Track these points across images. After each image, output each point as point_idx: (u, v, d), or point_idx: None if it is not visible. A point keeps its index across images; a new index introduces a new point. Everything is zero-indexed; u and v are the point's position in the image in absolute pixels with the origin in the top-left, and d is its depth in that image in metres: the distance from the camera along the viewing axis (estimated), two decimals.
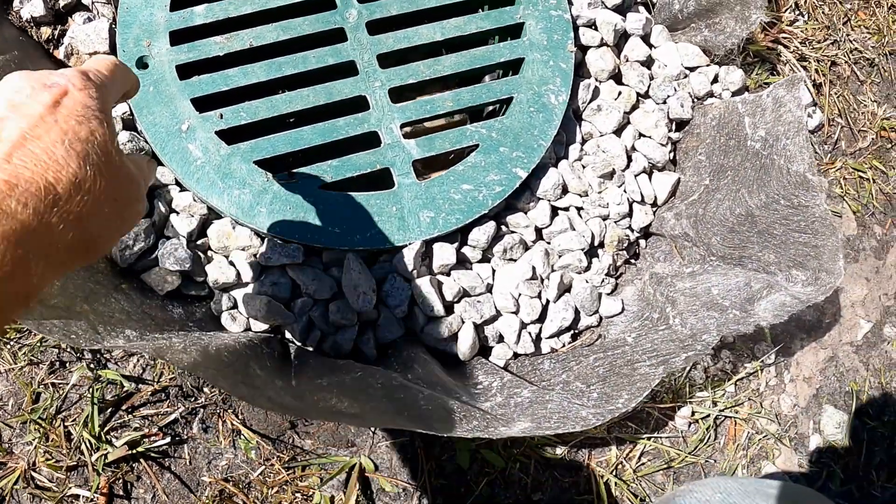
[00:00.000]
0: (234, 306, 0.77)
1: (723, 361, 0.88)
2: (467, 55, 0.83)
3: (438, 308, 0.76)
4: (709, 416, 0.84)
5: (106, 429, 0.77)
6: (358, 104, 0.80)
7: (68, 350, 0.78)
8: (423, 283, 0.76)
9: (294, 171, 0.77)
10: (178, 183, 0.78)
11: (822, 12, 1.00)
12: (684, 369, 0.84)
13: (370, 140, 0.79)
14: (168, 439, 0.77)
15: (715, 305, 0.78)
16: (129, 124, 0.80)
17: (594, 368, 0.76)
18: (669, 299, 0.81)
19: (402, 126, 0.80)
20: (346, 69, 0.80)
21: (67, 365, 0.78)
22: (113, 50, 0.81)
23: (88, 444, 0.76)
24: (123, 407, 0.77)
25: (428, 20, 0.84)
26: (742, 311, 0.76)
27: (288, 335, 0.78)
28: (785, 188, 0.78)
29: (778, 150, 0.79)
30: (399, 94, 0.82)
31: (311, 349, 0.78)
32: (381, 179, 0.79)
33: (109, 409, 0.77)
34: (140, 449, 0.76)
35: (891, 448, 0.95)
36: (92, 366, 0.78)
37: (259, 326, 0.76)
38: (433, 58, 0.82)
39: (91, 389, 0.77)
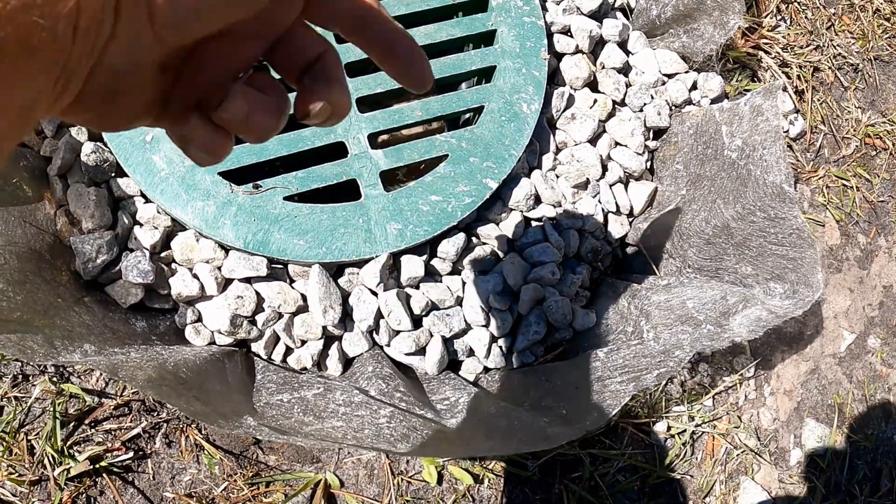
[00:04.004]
0: (199, 319, 0.76)
1: (700, 375, 0.86)
2: (437, 63, 0.81)
3: (406, 322, 0.75)
4: (685, 430, 0.83)
5: (69, 443, 0.76)
6: None
7: (31, 363, 0.77)
8: (390, 297, 0.74)
9: (259, 182, 0.75)
10: (143, 194, 0.77)
11: (805, 17, 0.98)
12: (658, 385, 0.82)
13: (337, 150, 0.78)
14: (131, 454, 0.75)
15: (689, 319, 0.76)
16: (94, 134, 0.78)
17: (564, 385, 0.74)
18: (644, 312, 0.79)
19: (370, 136, 0.78)
20: None
21: (30, 378, 0.77)
22: None
23: (51, 459, 0.75)
24: (86, 421, 0.76)
25: None
26: (717, 325, 0.74)
27: (254, 348, 0.77)
28: (761, 199, 0.77)
29: (754, 161, 0.78)
30: (368, 104, 0.80)
31: (276, 363, 0.77)
32: (347, 191, 0.77)
33: (72, 424, 0.76)
34: (103, 464, 0.75)
35: (874, 462, 0.93)
36: (55, 379, 0.77)
37: (223, 340, 0.75)
38: None
39: (54, 403, 0.76)
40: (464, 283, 0.79)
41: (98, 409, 0.76)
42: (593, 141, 0.85)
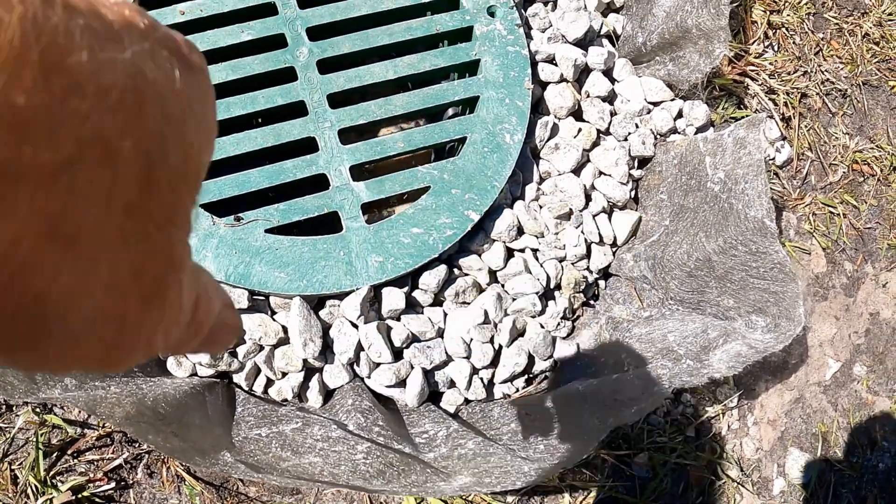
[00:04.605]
0: None
1: (683, 406, 0.86)
2: (420, 94, 0.81)
3: (386, 354, 0.75)
4: (667, 462, 0.83)
5: (52, 473, 0.76)
6: (307, 145, 0.79)
7: None
8: (371, 330, 0.75)
9: (240, 214, 0.76)
10: None
11: (793, 42, 0.98)
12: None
13: (319, 182, 0.78)
14: (113, 484, 0.76)
15: (670, 353, 0.76)
16: None
17: (543, 418, 0.74)
18: (625, 345, 0.79)
19: (352, 168, 0.78)
20: (296, 109, 0.79)
21: (14, 409, 0.77)
22: None
23: (34, 489, 0.75)
24: (69, 451, 0.77)
25: (382, 58, 0.82)
26: (696, 360, 0.74)
27: (235, 379, 0.77)
28: (743, 234, 0.76)
29: (736, 194, 0.77)
30: (350, 135, 0.80)
31: (257, 394, 0.77)
32: (329, 223, 0.78)
33: (55, 454, 0.77)
34: (85, 494, 0.75)
35: (859, 489, 0.93)
36: (38, 410, 0.77)
37: (205, 371, 0.76)
38: (385, 97, 0.81)
39: (37, 434, 0.76)
40: (445, 315, 0.80)
41: (80, 439, 0.76)
42: (577, 171, 0.85)
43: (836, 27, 1.02)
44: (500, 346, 0.80)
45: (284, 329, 0.76)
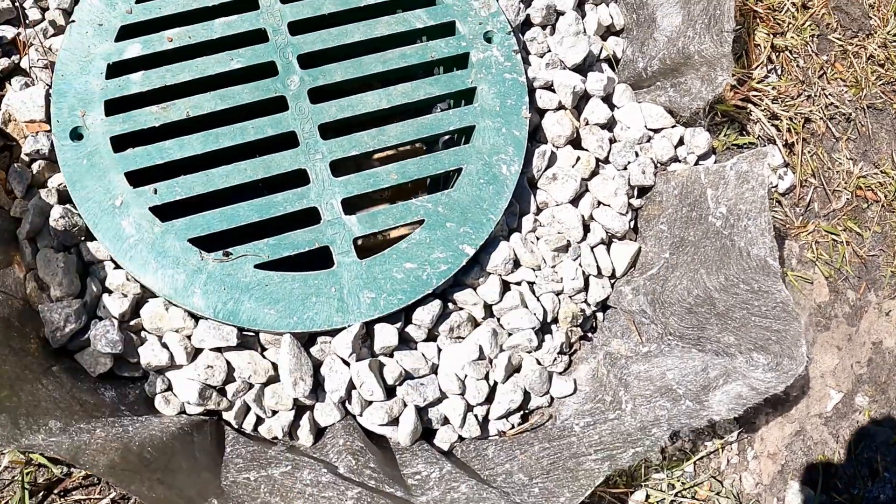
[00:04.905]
0: (169, 388, 0.74)
1: (682, 440, 0.85)
2: (414, 124, 0.79)
3: (378, 393, 0.73)
4: (664, 500, 0.81)
5: None
6: (298, 178, 0.77)
7: None
8: (362, 368, 0.73)
9: (229, 249, 0.74)
10: (113, 259, 0.75)
11: (797, 65, 0.96)
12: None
13: (310, 216, 0.76)
14: None
15: (669, 392, 0.75)
16: (65, 197, 0.77)
17: (539, 459, 0.73)
18: (623, 382, 0.77)
19: (344, 202, 0.76)
20: (287, 140, 0.77)
21: None
22: (48, 118, 0.78)
23: None
24: (56, 490, 0.75)
25: (376, 86, 0.80)
26: (696, 401, 0.73)
27: (225, 416, 0.75)
28: (745, 272, 0.75)
29: (739, 231, 0.76)
30: (341, 167, 0.79)
31: (247, 432, 0.75)
32: (320, 258, 0.76)
33: (41, 493, 0.75)
34: None
35: None
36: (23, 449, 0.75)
37: (194, 409, 0.74)
38: (378, 127, 0.79)
39: (22, 473, 0.75)
40: (439, 350, 0.78)
41: (67, 479, 0.75)
42: (575, 201, 0.83)
43: (841, 49, 1.00)
44: (496, 383, 0.78)
45: (274, 366, 0.74)
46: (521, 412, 0.80)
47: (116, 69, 0.77)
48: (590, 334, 0.84)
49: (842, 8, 1.02)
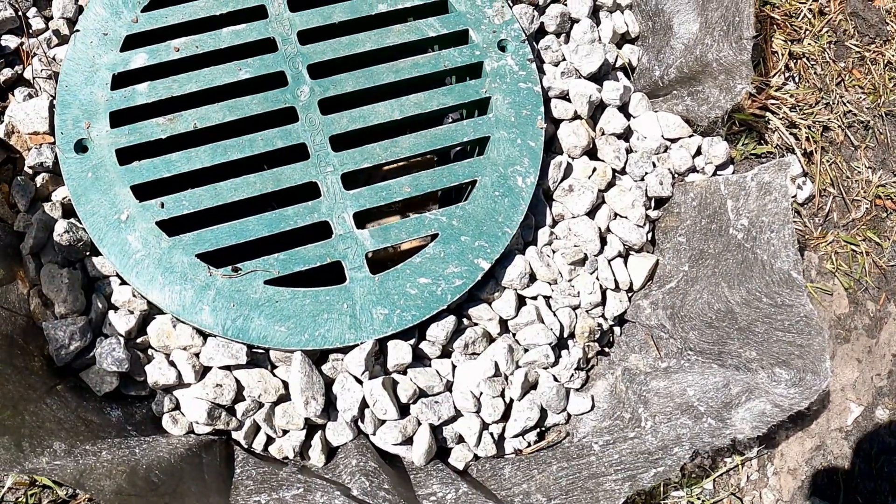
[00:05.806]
0: (176, 407, 0.72)
1: (701, 457, 0.83)
2: (427, 135, 0.77)
3: (392, 411, 0.71)
4: None
5: None
6: (308, 191, 0.75)
7: None
8: (375, 386, 0.71)
9: (238, 265, 0.72)
10: (118, 275, 0.73)
11: (815, 73, 0.94)
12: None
13: (321, 230, 0.74)
14: None
15: (689, 409, 0.73)
16: (69, 210, 0.75)
17: (557, 479, 0.71)
18: (642, 399, 0.75)
19: (356, 215, 0.74)
20: (297, 152, 0.75)
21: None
22: (52, 130, 0.76)
23: None
24: None
25: (387, 97, 0.78)
26: (718, 419, 0.71)
27: (234, 436, 0.73)
28: (768, 286, 0.73)
29: (761, 244, 0.74)
30: (353, 179, 0.77)
31: (257, 451, 0.73)
32: (331, 273, 0.74)
33: None
34: None
35: None
36: None
37: (202, 429, 0.72)
38: (390, 139, 0.77)
39: (26, 495, 0.73)
40: (454, 367, 0.76)
41: (72, 501, 0.73)
42: (591, 213, 0.82)
43: (858, 56, 0.98)
44: (512, 400, 0.76)
45: (285, 384, 0.72)
46: (538, 430, 0.78)
47: (122, 80, 0.76)
48: (607, 349, 0.82)
49: (858, 13, 1.00)
